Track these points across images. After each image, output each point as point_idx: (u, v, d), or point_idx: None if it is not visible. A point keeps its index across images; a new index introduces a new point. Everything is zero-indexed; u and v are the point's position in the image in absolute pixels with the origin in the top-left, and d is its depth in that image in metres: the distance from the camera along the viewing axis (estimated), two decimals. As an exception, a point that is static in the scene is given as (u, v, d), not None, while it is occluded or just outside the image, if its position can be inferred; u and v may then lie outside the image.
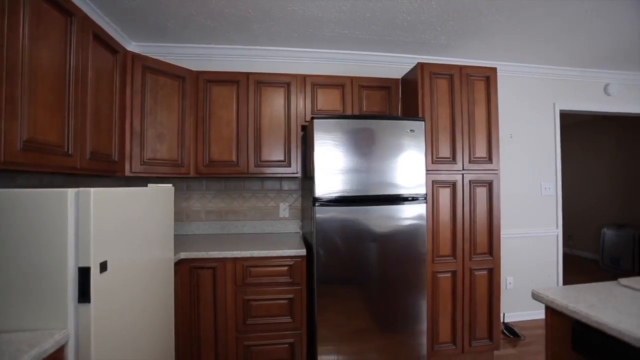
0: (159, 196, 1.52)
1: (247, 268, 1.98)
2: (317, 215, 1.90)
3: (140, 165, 2.00)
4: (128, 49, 2.02)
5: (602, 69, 3.17)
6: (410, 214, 2.00)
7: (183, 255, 1.91)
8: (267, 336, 1.99)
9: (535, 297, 1.25)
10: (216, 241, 2.27)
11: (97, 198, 1.07)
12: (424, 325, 2.04)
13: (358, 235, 1.96)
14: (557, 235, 3.13)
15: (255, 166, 2.33)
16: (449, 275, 2.21)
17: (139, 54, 2.02)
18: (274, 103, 2.36)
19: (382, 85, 2.47)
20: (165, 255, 1.58)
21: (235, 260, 1.97)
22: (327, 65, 2.75)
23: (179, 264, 1.88)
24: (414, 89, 2.26)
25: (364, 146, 1.96)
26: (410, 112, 2.33)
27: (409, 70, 2.40)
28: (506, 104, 3.02)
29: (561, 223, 3.15)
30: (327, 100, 2.41)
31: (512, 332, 2.75)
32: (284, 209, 2.67)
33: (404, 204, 1.99)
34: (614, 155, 5.06)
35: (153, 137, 2.06)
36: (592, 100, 3.24)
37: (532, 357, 2.41)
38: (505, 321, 2.96)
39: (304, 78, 2.39)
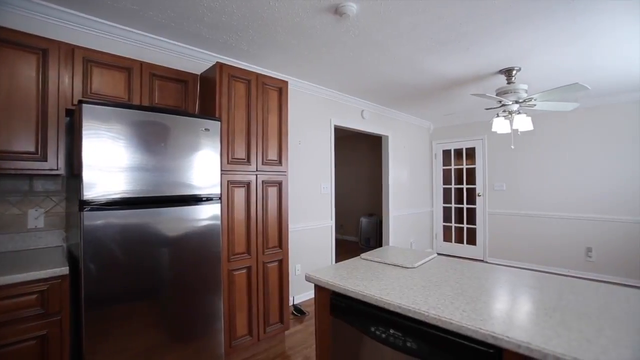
0: None
1: (-43, 308, 1.34)
2: (86, 223, 1.53)
3: None
4: None
5: (360, 98, 4.24)
6: (205, 214, 1.96)
7: None
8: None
9: (307, 278, 1.50)
10: None
11: None
12: (220, 325, 2.04)
13: (146, 241, 1.73)
14: (332, 226, 3.93)
15: (-20, 158, 1.62)
16: (245, 271, 2.32)
17: None
18: (19, 73, 1.72)
19: (179, 78, 2.29)
20: None
21: None
22: (110, 42, 2.27)
23: None
24: (212, 88, 2.23)
25: (155, 142, 1.75)
26: (208, 111, 2.29)
27: (209, 67, 2.35)
28: (297, 114, 3.52)
29: (334, 215, 3.98)
30: (107, 83, 1.99)
31: (299, 311, 3.22)
32: (35, 217, 1.98)
33: (198, 205, 1.92)
34: (367, 162, 6.92)
35: None
36: (355, 121, 4.29)
37: (313, 328, 2.90)
38: (295, 303, 3.43)
39: (72, 49, 1.87)
